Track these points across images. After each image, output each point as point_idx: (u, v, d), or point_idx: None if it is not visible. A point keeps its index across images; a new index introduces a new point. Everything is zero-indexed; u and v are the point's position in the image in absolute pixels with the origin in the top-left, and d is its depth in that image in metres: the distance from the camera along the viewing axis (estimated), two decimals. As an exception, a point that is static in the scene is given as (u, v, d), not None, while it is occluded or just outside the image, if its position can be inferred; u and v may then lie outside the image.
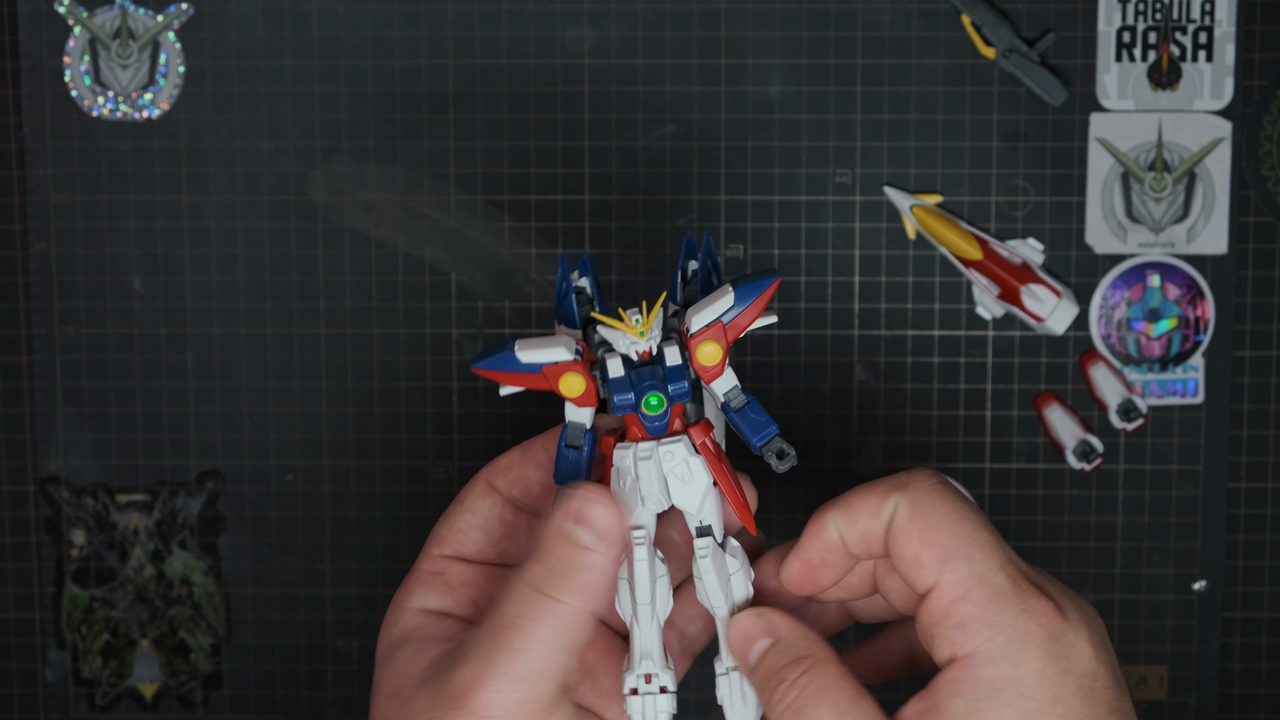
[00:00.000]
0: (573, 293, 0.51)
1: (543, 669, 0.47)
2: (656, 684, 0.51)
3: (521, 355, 0.49)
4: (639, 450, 0.50)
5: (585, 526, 0.49)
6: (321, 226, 0.70)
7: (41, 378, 0.71)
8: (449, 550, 0.53)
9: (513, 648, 0.47)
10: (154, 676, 0.72)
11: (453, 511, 0.54)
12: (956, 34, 0.69)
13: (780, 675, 0.48)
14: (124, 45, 0.69)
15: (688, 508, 0.50)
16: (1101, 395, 0.70)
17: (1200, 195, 0.69)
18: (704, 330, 0.48)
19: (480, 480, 0.54)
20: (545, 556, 0.49)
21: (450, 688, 0.47)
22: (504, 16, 0.69)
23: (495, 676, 0.47)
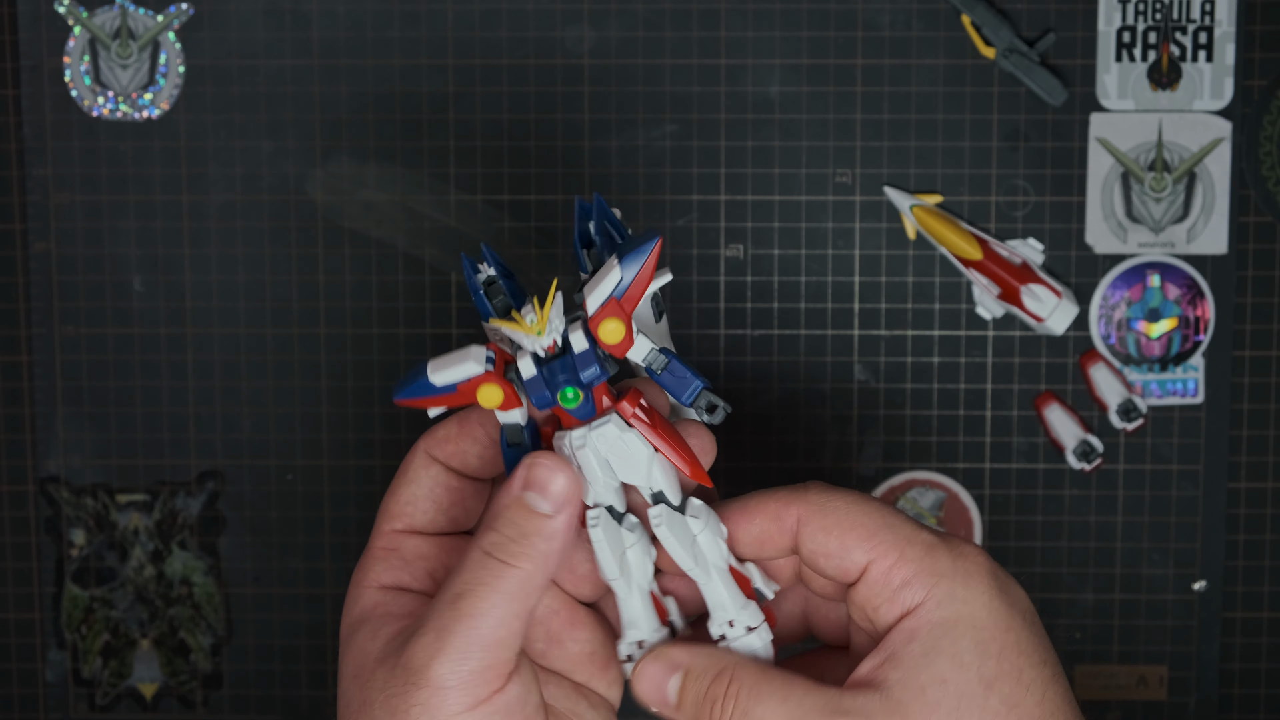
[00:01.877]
0: (480, 289, 0.51)
1: (499, 635, 0.47)
2: (647, 649, 0.52)
3: (434, 378, 0.49)
4: (572, 439, 0.50)
5: (541, 493, 0.49)
6: (321, 226, 0.70)
7: (41, 378, 0.71)
8: (400, 525, 0.53)
9: (468, 614, 0.47)
10: (154, 676, 0.72)
11: (397, 485, 0.53)
12: (956, 34, 0.69)
13: (709, 698, 0.49)
14: (124, 45, 0.69)
15: (635, 481, 0.50)
16: (1101, 395, 0.70)
17: (1200, 195, 0.69)
18: (601, 310, 0.48)
19: (419, 451, 0.53)
20: (500, 524, 0.49)
21: (406, 661, 0.47)
22: (504, 16, 0.69)
23: (451, 646, 0.47)
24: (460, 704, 0.47)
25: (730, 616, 0.51)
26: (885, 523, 0.49)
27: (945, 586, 0.48)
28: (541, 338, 0.49)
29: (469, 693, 0.47)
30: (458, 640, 0.47)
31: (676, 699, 0.49)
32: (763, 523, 0.51)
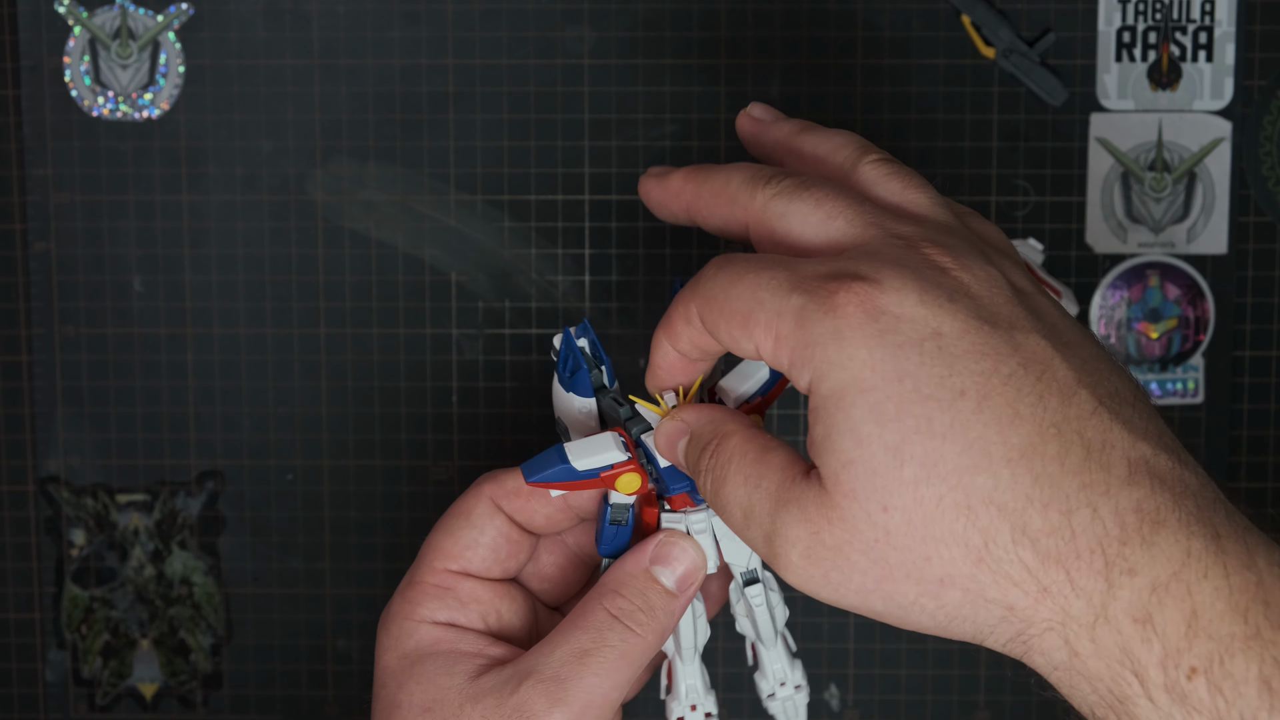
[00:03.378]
0: (584, 365, 0.51)
1: (613, 698, 0.49)
2: (701, 711, 0.54)
3: (577, 464, 0.49)
4: (692, 523, 0.51)
5: (670, 570, 0.51)
6: (321, 226, 0.70)
7: (41, 378, 0.71)
8: (456, 566, 0.53)
9: (593, 671, 0.48)
10: (154, 676, 0.72)
11: (457, 526, 0.53)
12: (956, 34, 0.69)
13: (697, 466, 0.47)
14: (124, 45, 0.69)
15: (735, 561, 0.52)
16: (1101, 395, 0.70)
17: (1200, 195, 0.69)
18: (744, 407, 0.50)
19: (484, 497, 0.53)
20: (628, 592, 0.50)
21: (522, 703, 0.48)
22: (504, 16, 0.69)
23: (574, 698, 0.48)
24: None
25: (784, 679, 0.55)
26: (755, 300, 0.43)
27: (821, 354, 0.41)
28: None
29: None
30: (581, 694, 0.48)
31: (683, 458, 0.48)
32: (684, 331, 0.47)
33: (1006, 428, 0.40)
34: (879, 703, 0.71)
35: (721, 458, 0.46)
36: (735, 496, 0.44)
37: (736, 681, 0.71)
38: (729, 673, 0.71)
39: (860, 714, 0.71)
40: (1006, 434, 0.40)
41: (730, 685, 0.71)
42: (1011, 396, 0.40)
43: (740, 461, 0.45)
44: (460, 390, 0.71)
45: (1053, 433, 0.40)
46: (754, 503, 0.44)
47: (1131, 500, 0.40)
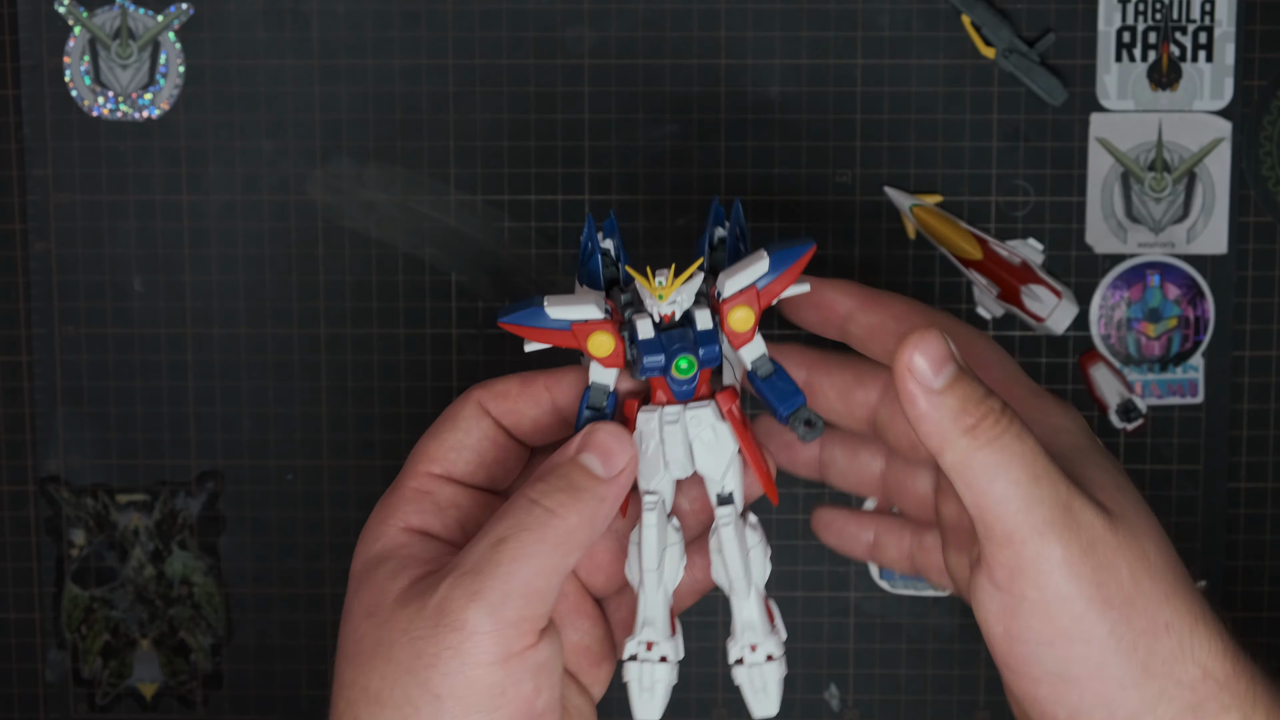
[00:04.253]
0: (598, 252, 0.51)
1: (537, 586, 0.46)
2: (657, 652, 0.51)
3: (551, 311, 0.49)
4: (665, 414, 0.49)
5: (601, 458, 0.48)
6: (321, 226, 0.70)
7: (41, 378, 0.71)
8: (438, 469, 0.51)
9: (509, 558, 0.46)
10: (154, 676, 0.72)
11: (443, 429, 0.51)
12: (956, 34, 0.69)
13: (987, 402, 0.46)
14: (124, 45, 0.69)
15: (712, 474, 0.50)
16: (1101, 395, 0.70)
17: (1200, 195, 0.69)
18: (737, 295, 0.48)
19: (472, 400, 0.52)
20: (552, 477, 0.48)
21: (440, 604, 0.45)
22: (504, 16, 0.69)
23: (490, 589, 0.45)
24: (492, 653, 0.45)
25: (756, 640, 0.51)
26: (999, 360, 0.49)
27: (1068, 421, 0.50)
28: (662, 303, 0.48)
29: (501, 643, 0.45)
30: (497, 585, 0.45)
31: (946, 384, 0.46)
32: (884, 318, 0.50)
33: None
34: (879, 703, 0.71)
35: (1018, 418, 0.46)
36: (1037, 453, 0.46)
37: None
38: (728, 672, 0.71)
39: (860, 714, 0.71)
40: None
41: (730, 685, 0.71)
42: None
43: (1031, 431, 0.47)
44: (460, 390, 0.70)
45: None
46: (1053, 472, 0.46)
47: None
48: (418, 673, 0.45)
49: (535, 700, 0.46)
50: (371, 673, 0.46)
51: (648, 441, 0.50)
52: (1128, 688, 0.46)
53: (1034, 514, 0.45)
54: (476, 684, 0.45)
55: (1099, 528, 0.46)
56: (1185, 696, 0.46)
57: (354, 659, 0.47)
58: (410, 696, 0.45)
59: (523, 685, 0.46)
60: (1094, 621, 0.45)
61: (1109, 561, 0.46)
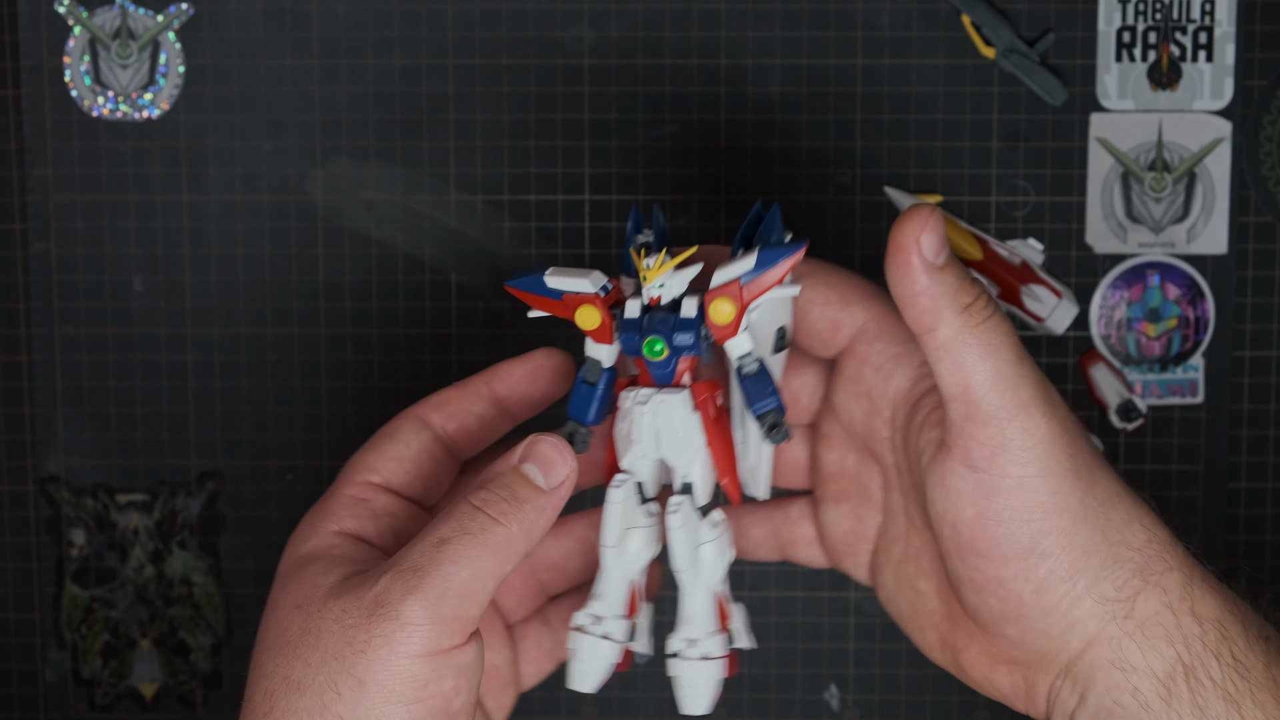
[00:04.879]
0: (631, 241, 0.52)
1: (473, 588, 0.47)
2: (602, 628, 0.51)
3: (549, 280, 0.51)
4: (638, 395, 0.50)
5: (542, 470, 0.50)
6: (321, 226, 0.70)
7: (41, 378, 0.71)
8: (377, 478, 0.53)
9: (450, 558, 0.47)
10: (154, 676, 0.72)
11: (382, 441, 0.54)
12: (956, 34, 0.69)
13: (977, 289, 0.48)
14: (124, 45, 0.69)
15: (673, 463, 0.50)
16: (1101, 395, 0.70)
17: (1200, 195, 0.69)
18: (719, 288, 0.49)
19: (411, 415, 0.54)
20: (494, 485, 0.49)
21: (378, 594, 0.47)
22: (504, 16, 0.69)
23: (428, 585, 0.46)
24: (422, 646, 0.46)
25: (695, 635, 0.51)
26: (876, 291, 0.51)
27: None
28: (646, 285, 0.49)
29: (433, 637, 0.46)
30: (436, 582, 0.47)
31: (945, 261, 0.48)
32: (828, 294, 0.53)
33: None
34: (879, 703, 0.71)
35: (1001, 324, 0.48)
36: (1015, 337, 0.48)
37: (735, 681, 0.71)
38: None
39: (860, 714, 0.71)
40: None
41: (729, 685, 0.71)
42: None
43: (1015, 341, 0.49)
44: (460, 390, 0.70)
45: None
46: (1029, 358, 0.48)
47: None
48: (345, 659, 0.46)
49: (453, 700, 0.48)
50: (295, 661, 0.48)
51: (625, 419, 0.51)
52: (1090, 554, 0.48)
53: (1020, 391, 0.47)
54: (402, 674, 0.46)
55: (1065, 406, 0.49)
56: (1135, 559, 0.48)
57: (277, 650, 0.49)
58: (334, 682, 0.46)
59: (444, 682, 0.47)
60: (1068, 494, 0.47)
61: (1076, 436, 0.48)
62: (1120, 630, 0.48)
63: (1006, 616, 0.49)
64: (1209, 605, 0.49)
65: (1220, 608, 0.49)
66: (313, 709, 0.46)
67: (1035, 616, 0.49)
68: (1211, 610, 0.49)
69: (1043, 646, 0.49)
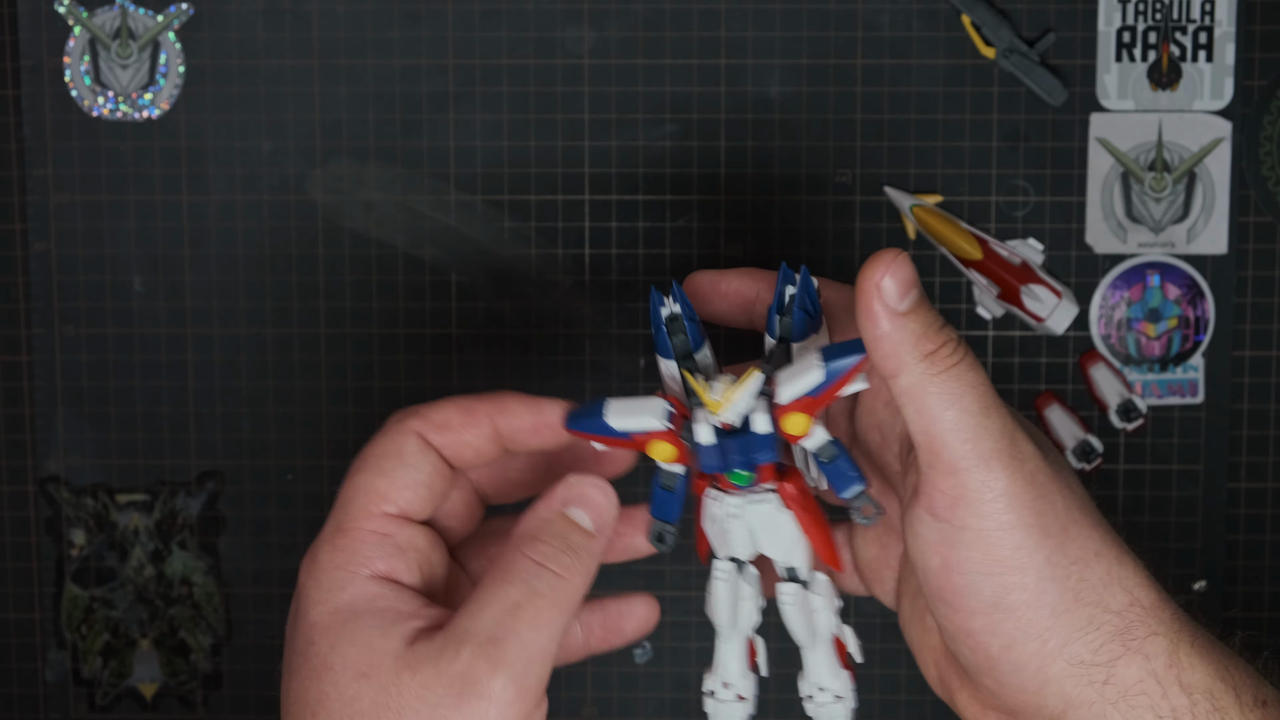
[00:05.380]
0: (663, 324, 0.51)
1: (549, 650, 0.47)
2: (733, 691, 0.53)
3: (612, 421, 0.49)
4: (728, 506, 0.50)
5: (588, 512, 0.49)
6: (321, 226, 0.70)
7: (41, 378, 0.71)
8: (393, 508, 0.50)
9: (528, 625, 0.46)
10: (154, 676, 0.72)
11: (388, 465, 0.50)
12: (956, 34, 0.69)
13: (945, 332, 0.47)
14: (124, 45, 0.69)
15: (774, 556, 0.51)
16: (1101, 395, 0.70)
17: (1200, 195, 0.69)
18: (792, 405, 0.48)
19: (412, 433, 0.51)
20: (548, 536, 0.48)
21: (462, 672, 0.46)
22: (504, 16, 0.69)
23: (513, 658, 0.46)
24: (512, 717, 0.46)
25: (823, 684, 0.53)
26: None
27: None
28: (717, 415, 0.48)
29: (522, 709, 0.46)
30: (520, 653, 0.46)
31: (911, 306, 0.46)
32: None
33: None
34: (879, 703, 0.71)
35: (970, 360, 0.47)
36: (988, 386, 0.47)
37: (736, 681, 0.71)
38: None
39: (860, 714, 0.71)
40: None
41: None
42: None
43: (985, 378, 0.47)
44: (460, 391, 0.70)
45: None
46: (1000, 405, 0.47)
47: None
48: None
49: None
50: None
51: (715, 522, 0.51)
52: (1060, 614, 0.46)
53: (982, 443, 0.46)
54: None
55: (1038, 460, 0.47)
56: (1113, 622, 0.47)
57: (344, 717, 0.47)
58: None
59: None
60: (1032, 550, 0.46)
61: (1047, 492, 0.47)
62: (1100, 696, 0.47)
63: (979, 668, 0.48)
64: (1198, 673, 0.47)
65: (1211, 675, 0.47)
66: None
67: (1006, 671, 0.47)
68: (1201, 679, 0.47)
69: (1020, 701, 0.48)
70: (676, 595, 0.71)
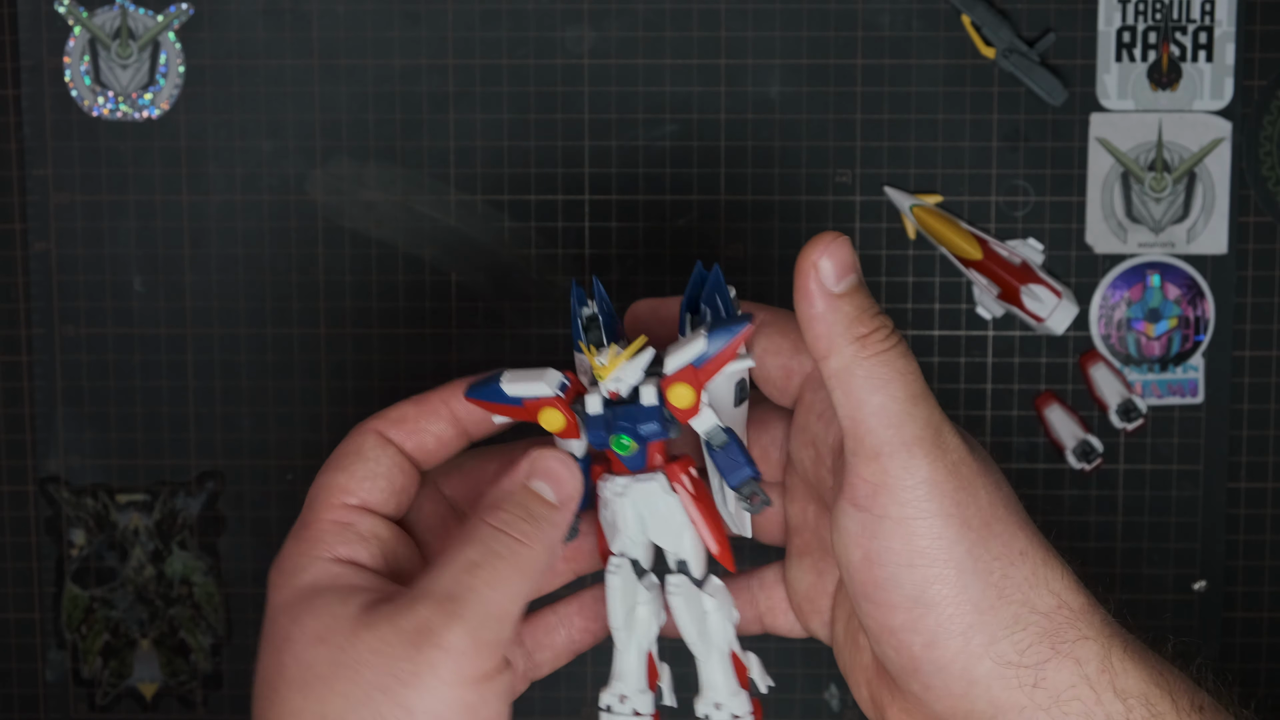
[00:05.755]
0: (578, 319, 0.51)
1: (508, 610, 0.47)
2: (629, 706, 0.52)
3: (506, 388, 0.50)
4: (615, 485, 0.50)
5: (551, 484, 0.50)
6: (321, 226, 0.70)
7: (41, 378, 0.71)
8: (353, 500, 0.51)
9: (485, 583, 0.47)
10: (154, 676, 0.72)
11: (350, 461, 0.52)
12: (956, 34, 0.69)
13: (880, 317, 0.46)
14: (124, 45, 0.69)
15: (663, 544, 0.51)
16: (1101, 395, 0.70)
17: (1200, 195, 0.69)
18: (676, 374, 0.49)
19: (370, 431, 0.52)
20: (509, 505, 0.49)
21: (418, 625, 0.46)
22: (504, 16, 0.69)
23: (469, 611, 0.46)
24: (469, 672, 0.46)
25: (719, 700, 0.52)
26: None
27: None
28: (603, 382, 0.49)
29: (478, 663, 0.46)
30: (477, 608, 0.46)
31: (847, 289, 0.46)
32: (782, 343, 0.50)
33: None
34: None
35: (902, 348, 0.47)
36: (917, 375, 0.46)
37: (736, 681, 0.71)
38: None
39: (860, 714, 0.71)
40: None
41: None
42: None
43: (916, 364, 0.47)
44: (460, 390, 0.70)
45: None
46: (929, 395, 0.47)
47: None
48: (391, 691, 0.46)
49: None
50: (331, 696, 0.46)
51: (606, 509, 0.51)
52: (984, 611, 0.46)
53: (905, 430, 0.46)
54: (452, 702, 0.46)
55: (963, 452, 0.46)
56: (1041, 623, 0.46)
57: (303, 685, 0.47)
58: (379, 715, 0.46)
59: (489, 707, 0.47)
60: (953, 541, 0.45)
61: (970, 484, 0.46)
62: (1030, 701, 0.46)
63: (905, 670, 0.47)
64: (1132, 679, 0.46)
65: (1146, 680, 0.46)
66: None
67: (930, 672, 0.47)
68: (1135, 684, 0.46)
69: (948, 707, 0.47)
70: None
